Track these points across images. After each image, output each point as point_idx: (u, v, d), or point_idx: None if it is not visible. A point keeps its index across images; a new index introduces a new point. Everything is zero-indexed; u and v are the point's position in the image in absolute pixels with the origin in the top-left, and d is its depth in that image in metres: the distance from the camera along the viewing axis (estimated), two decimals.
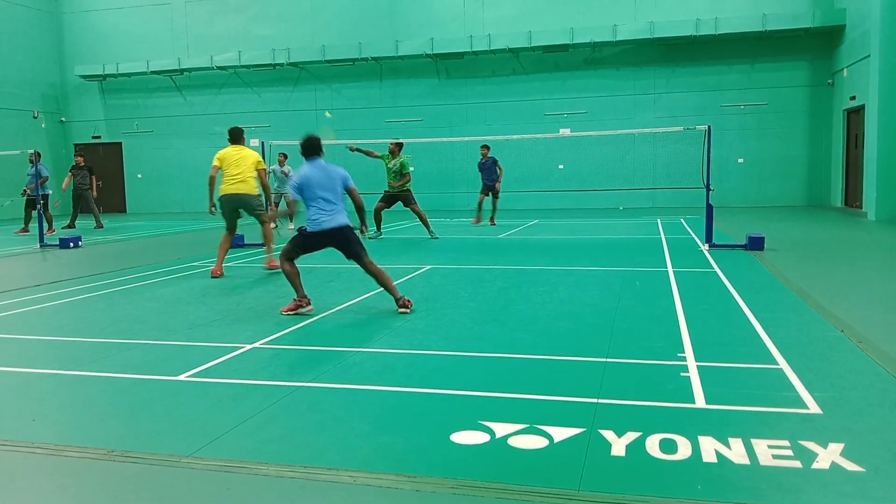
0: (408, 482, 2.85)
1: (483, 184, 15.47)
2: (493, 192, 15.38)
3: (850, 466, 2.89)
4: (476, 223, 15.46)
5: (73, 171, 17.74)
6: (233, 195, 8.65)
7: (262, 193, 9.13)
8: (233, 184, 8.61)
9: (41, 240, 13.25)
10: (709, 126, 10.88)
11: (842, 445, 3.09)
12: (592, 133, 17.37)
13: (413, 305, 6.30)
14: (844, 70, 18.46)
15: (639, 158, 20.86)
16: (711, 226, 10.59)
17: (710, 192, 10.54)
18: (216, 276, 8.63)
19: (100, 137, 25.70)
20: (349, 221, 6.37)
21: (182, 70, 23.99)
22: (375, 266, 6.40)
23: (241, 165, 8.66)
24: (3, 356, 5.15)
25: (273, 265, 8.61)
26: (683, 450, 3.09)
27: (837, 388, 3.89)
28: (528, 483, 2.80)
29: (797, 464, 2.93)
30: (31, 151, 15.45)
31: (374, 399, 3.92)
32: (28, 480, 3.02)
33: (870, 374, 4.14)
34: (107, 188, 24.12)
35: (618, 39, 20.33)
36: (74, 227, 17.12)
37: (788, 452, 3.04)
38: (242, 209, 8.84)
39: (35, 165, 15.18)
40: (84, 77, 25.06)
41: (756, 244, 10.07)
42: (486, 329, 5.58)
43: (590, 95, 21.35)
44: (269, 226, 9.02)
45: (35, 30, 24.81)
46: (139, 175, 25.50)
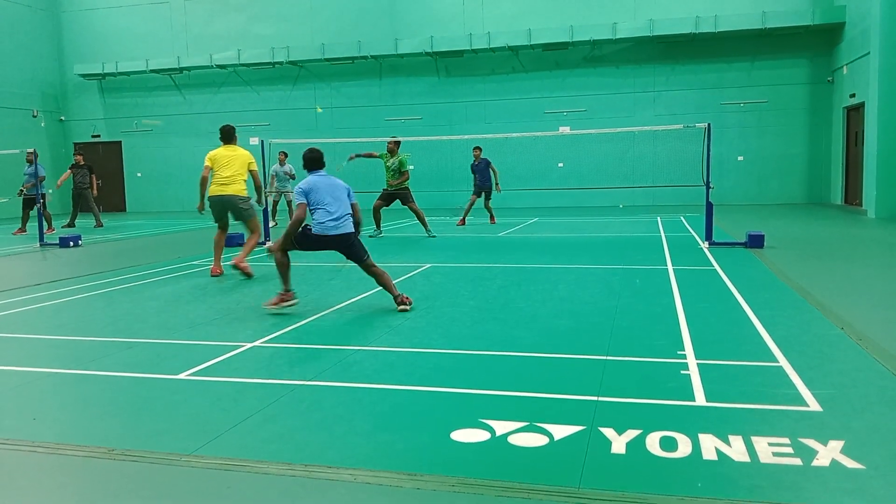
0: (408, 480, 2.85)
1: (475, 185, 15.36)
2: (487, 194, 15.30)
3: (850, 464, 2.89)
4: (461, 224, 15.09)
5: (73, 170, 17.73)
6: (220, 196, 8.50)
7: (251, 196, 8.85)
8: (221, 185, 8.47)
9: (41, 239, 13.25)
10: (708, 124, 10.88)
11: (842, 443, 3.10)
12: (592, 131, 17.37)
13: (413, 303, 6.31)
14: (844, 67, 18.45)
15: (638, 156, 20.85)
16: (711, 224, 10.59)
17: (710, 190, 10.54)
18: (216, 275, 8.64)
19: (99, 136, 25.70)
20: (353, 229, 6.37)
21: (181, 69, 23.99)
22: (377, 268, 6.41)
23: (233, 166, 8.51)
24: (4, 355, 5.15)
25: (241, 265, 8.30)
26: (684, 447, 3.09)
27: (837, 386, 3.89)
28: (529, 481, 2.80)
29: (797, 461, 2.93)
30: (30, 150, 15.44)
31: (375, 397, 3.92)
32: (29, 479, 3.02)
33: (870, 372, 4.14)
34: (106, 187, 24.10)
35: (617, 37, 20.33)
36: (74, 226, 17.11)
37: (788, 450, 3.04)
38: (230, 211, 8.65)
39: (34, 164, 15.16)
40: (83, 76, 25.06)
41: (756, 242, 10.07)
42: (486, 327, 5.58)
43: (589, 93, 21.34)
44: (255, 232, 8.75)
45: (34, 29, 24.80)
46: (139, 174, 25.51)
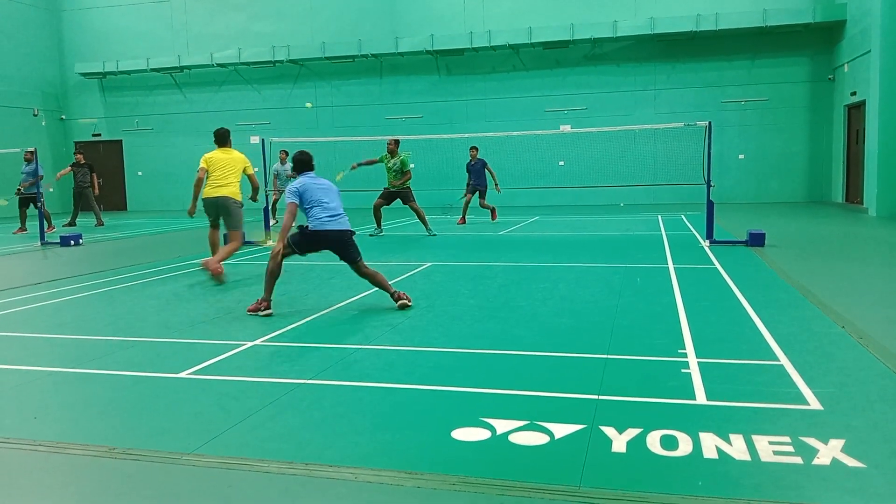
0: (409, 479, 2.85)
1: (470, 185, 15.33)
2: (481, 193, 15.29)
3: (851, 462, 2.89)
4: (461, 223, 15.17)
5: (74, 169, 17.74)
6: (213, 198, 8.37)
7: (243, 203, 8.62)
8: (214, 187, 8.36)
9: (42, 238, 13.26)
10: (709, 122, 10.87)
11: (843, 441, 3.10)
12: (593, 129, 17.36)
13: (412, 300, 6.32)
14: (845, 66, 18.44)
15: (639, 155, 20.83)
16: (712, 222, 10.58)
17: (711, 189, 10.54)
18: (216, 275, 8.62)
19: (100, 135, 25.70)
20: (350, 226, 6.37)
21: (182, 67, 23.99)
22: (369, 269, 6.41)
23: (227, 169, 8.40)
24: (5, 354, 5.16)
25: (211, 267, 7.98)
26: (684, 446, 3.09)
27: (838, 385, 3.89)
28: (529, 479, 2.80)
29: (798, 460, 2.93)
30: (30, 150, 15.43)
31: (375, 396, 3.92)
32: (30, 478, 3.02)
33: (871, 371, 4.14)
34: (107, 186, 24.12)
35: (618, 35, 20.31)
36: (75, 225, 17.13)
37: (789, 448, 3.04)
38: (221, 212, 8.49)
39: (35, 164, 15.17)
40: (84, 75, 25.07)
41: (757, 240, 10.07)
42: (487, 326, 5.58)
43: (590, 92, 21.33)
44: (236, 241, 8.45)
45: (35, 27, 24.80)
46: (139, 172, 25.51)
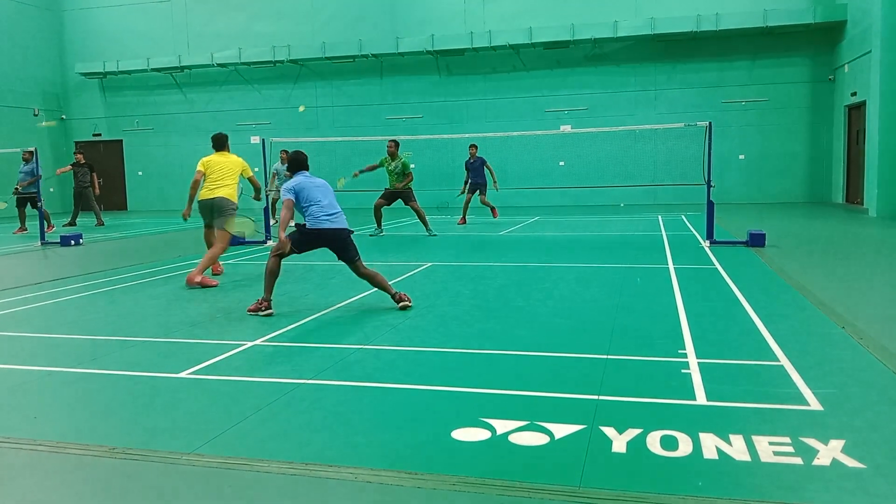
0: (409, 479, 2.85)
1: (470, 183, 15.30)
2: (481, 190, 15.25)
3: (851, 463, 2.89)
4: (461, 223, 15.19)
5: (74, 168, 17.75)
6: (209, 200, 8.26)
7: (238, 206, 8.42)
8: (210, 189, 8.27)
9: (42, 238, 13.26)
10: (710, 122, 10.87)
11: (843, 442, 3.09)
12: (593, 130, 17.36)
13: (412, 300, 6.32)
14: (845, 66, 18.43)
15: (640, 155, 20.83)
16: (712, 222, 10.58)
17: (711, 189, 10.54)
18: (216, 274, 8.63)
19: (100, 135, 25.71)
20: (347, 224, 6.37)
21: (182, 67, 23.99)
22: (368, 269, 6.41)
23: (224, 171, 8.32)
24: (5, 353, 5.16)
25: (194, 282, 7.73)
26: (684, 446, 3.09)
27: (838, 385, 3.89)
28: (529, 480, 2.80)
29: (798, 460, 2.93)
30: (29, 150, 15.42)
31: (375, 396, 3.92)
32: (30, 478, 3.02)
33: (871, 371, 4.14)
34: (107, 186, 24.12)
35: (618, 36, 20.31)
36: (76, 225, 17.14)
37: (789, 449, 3.04)
38: (215, 213, 8.29)
39: (33, 164, 15.17)
40: (84, 74, 25.07)
41: (757, 241, 10.07)
42: (487, 326, 5.58)
43: (591, 92, 21.33)
44: (221, 244, 8.22)
45: (36, 27, 24.81)
46: (140, 172, 25.52)
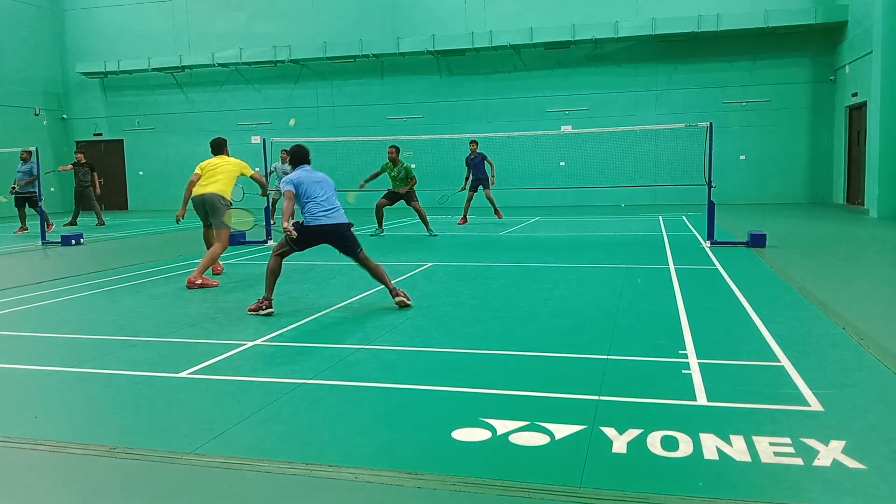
0: (409, 479, 2.85)
1: (471, 180, 15.26)
2: (484, 185, 15.16)
3: (852, 464, 2.89)
4: (462, 223, 15.22)
5: (75, 168, 17.75)
6: (200, 196, 8.21)
7: (232, 202, 8.28)
8: (202, 186, 8.22)
9: (43, 237, 13.27)
10: (710, 123, 10.86)
11: (843, 443, 3.09)
12: (594, 130, 17.35)
13: (412, 299, 6.33)
14: (846, 66, 18.43)
15: (640, 155, 20.83)
16: (713, 223, 10.58)
17: (712, 189, 10.53)
18: (217, 273, 8.63)
19: (101, 135, 25.72)
20: (346, 219, 6.37)
21: (183, 67, 24.00)
22: (371, 261, 6.42)
23: (218, 171, 8.25)
24: (6, 353, 5.16)
25: (196, 284, 7.71)
26: (685, 447, 3.09)
27: (839, 386, 3.89)
28: (530, 480, 2.80)
29: (798, 461, 2.93)
30: (28, 149, 15.42)
31: (376, 396, 3.92)
32: (30, 477, 3.02)
33: (871, 372, 4.14)
34: (108, 185, 24.14)
35: (619, 36, 20.30)
36: (76, 225, 17.14)
37: (790, 450, 3.04)
38: (208, 210, 8.23)
39: (36, 163, 15.15)
40: (85, 74, 25.09)
41: (758, 241, 10.06)
42: (488, 326, 5.58)
43: (591, 92, 21.33)
44: (221, 243, 8.16)
45: (37, 27, 24.82)
46: (141, 172, 25.53)
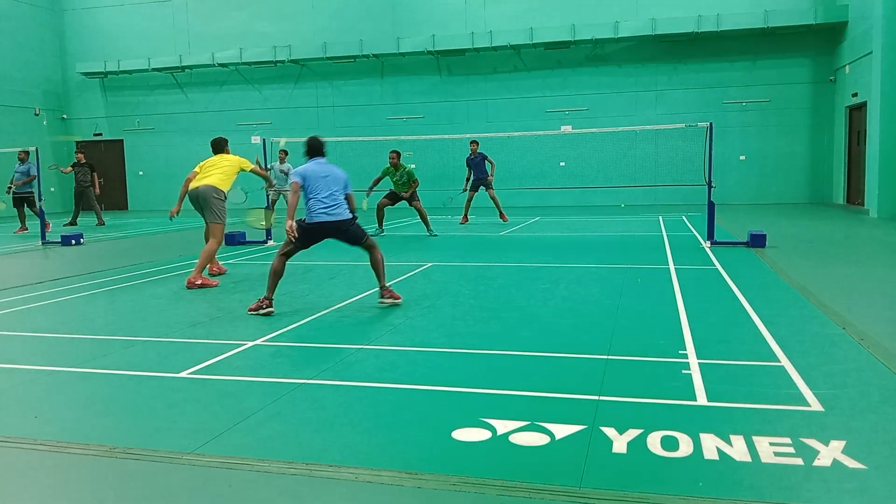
0: (409, 479, 2.85)
1: (472, 180, 15.25)
2: (485, 186, 15.15)
3: (852, 464, 2.89)
4: (463, 222, 15.27)
5: (75, 168, 17.76)
6: (194, 190, 8.08)
7: (226, 195, 8.20)
8: (197, 181, 8.12)
9: (43, 237, 13.27)
10: (710, 123, 10.86)
11: (843, 443, 3.09)
12: (594, 130, 17.35)
13: (402, 299, 6.35)
14: (846, 67, 18.43)
15: (640, 155, 20.84)
16: (713, 223, 10.58)
17: (712, 189, 10.53)
18: (219, 274, 8.62)
19: (101, 134, 25.72)
20: (349, 215, 6.37)
21: (183, 67, 24.01)
22: (377, 252, 6.43)
23: (215, 167, 8.18)
24: (6, 353, 5.16)
25: (196, 284, 7.68)
26: (685, 447, 3.09)
27: (839, 386, 3.89)
28: (530, 480, 2.80)
29: (799, 461, 2.93)
30: (26, 150, 15.42)
31: (376, 396, 3.92)
32: (30, 477, 3.02)
33: (871, 372, 4.13)
34: (108, 185, 24.15)
35: (619, 36, 20.31)
36: (76, 225, 17.14)
37: (790, 450, 3.04)
38: (202, 204, 8.07)
39: (36, 164, 15.14)
40: (85, 74, 25.09)
41: (758, 241, 10.06)
42: (488, 326, 5.58)
43: (591, 92, 21.33)
44: (215, 241, 8.07)
45: (37, 27, 24.82)
46: (141, 172, 25.53)
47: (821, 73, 19.87)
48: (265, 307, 6.14)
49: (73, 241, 12.76)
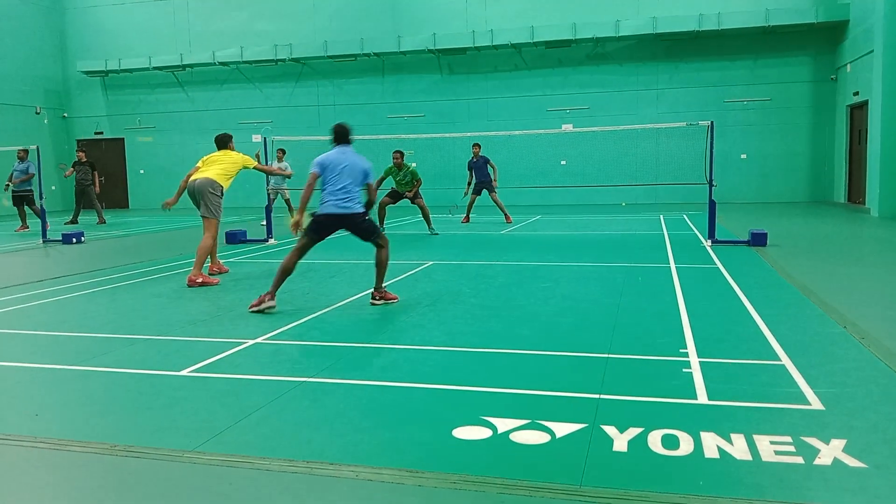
0: (410, 477, 2.85)
1: (475, 183, 15.26)
2: (488, 189, 15.14)
3: (853, 462, 2.89)
4: (465, 221, 15.34)
5: (76, 167, 17.77)
6: (192, 183, 8.02)
7: (223, 188, 8.11)
8: (195, 175, 8.06)
9: (44, 236, 13.27)
10: (711, 122, 10.85)
11: (844, 441, 3.09)
12: (595, 129, 17.34)
13: (397, 300, 6.37)
14: (848, 66, 18.41)
15: (641, 154, 20.82)
16: (714, 222, 10.57)
17: (713, 188, 10.53)
18: (221, 273, 8.62)
19: (102, 133, 25.73)
20: (361, 209, 6.35)
21: (184, 66, 24.00)
22: (384, 251, 6.41)
23: (216, 162, 8.15)
24: (6, 351, 5.16)
25: (197, 282, 7.69)
26: (685, 446, 3.09)
27: (840, 385, 3.88)
28: (530, 478, 2.80)
29: (799, 460, 2.93)
30: (24, 148, 15.42)
31: (377, 394, 3.92)
32: (31, 475, 3.03)
33: (872, 371, 4.13)
34: (109, 184, 24.16)
35: (620, 35, 20.29)
36: (77, 223, 17.15)
37: (790, 448, 3.04)
38: (199, 199, 7.97)
39: (36, 162, 15.14)
40: (86, 73, 25.08)
41: (759, 240, 10.06)
42: (488, 325, 5.58)
43: (592, 91, 21.32)
44: (210, 235, 8.02)
45: (37, 25, 24.82)
46: (141, 170, 25.53)
47: (822, 72, 19.85)
48: (266, 301, 6.14)
49: (74, 240, 12.77)
